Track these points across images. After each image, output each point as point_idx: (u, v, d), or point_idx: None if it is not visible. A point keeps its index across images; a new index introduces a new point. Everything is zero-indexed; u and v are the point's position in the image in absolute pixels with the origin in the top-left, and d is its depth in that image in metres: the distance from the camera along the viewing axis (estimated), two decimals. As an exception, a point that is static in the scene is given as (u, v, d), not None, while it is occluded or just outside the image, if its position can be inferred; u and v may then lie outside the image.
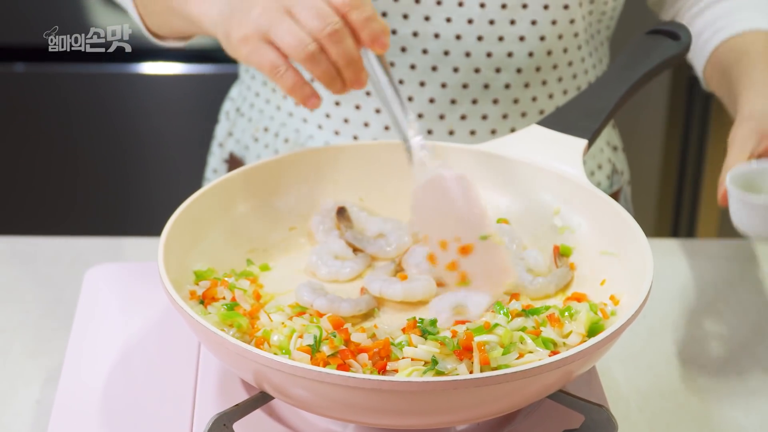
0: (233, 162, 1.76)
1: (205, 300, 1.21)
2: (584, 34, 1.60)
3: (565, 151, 1.33)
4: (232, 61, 1.75)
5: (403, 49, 1.53)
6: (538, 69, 1.57)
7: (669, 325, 1.50)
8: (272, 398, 1.13)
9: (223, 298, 1.21)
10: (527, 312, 1.18)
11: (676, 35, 1.44)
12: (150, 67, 2.51)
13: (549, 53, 1.56)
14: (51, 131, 2.58)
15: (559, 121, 1.36)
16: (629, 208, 1.78)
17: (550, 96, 1.60)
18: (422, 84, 1.55)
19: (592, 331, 1.16)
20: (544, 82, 1.59)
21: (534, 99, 1.59)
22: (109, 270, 1.44)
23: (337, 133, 1.61)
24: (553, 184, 1.33)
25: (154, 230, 1.31)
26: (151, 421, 1.19)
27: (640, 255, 1.19)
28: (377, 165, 1.39)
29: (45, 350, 1.43)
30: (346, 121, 1.60)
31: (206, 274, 1.25)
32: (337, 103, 1.58)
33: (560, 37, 1.56)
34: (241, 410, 1.12)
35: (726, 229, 2.75)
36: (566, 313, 1.17)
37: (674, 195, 2.77)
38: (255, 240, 1.34)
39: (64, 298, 1.52)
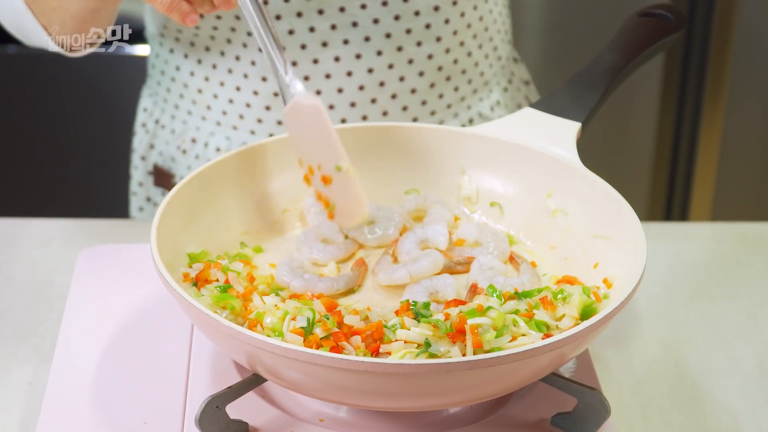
0: (159, 174, 1.75)
1: (198, 282, 1.21)
2: None
3: (558, 134, 1.33)
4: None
5: (324, 44, 1.55)
6: (455, 33, 1.60)
7: (662, 308, 1.50)
8: (265, 380, 1.13)
9: (217, 281, 1.21)
10: (520, 295, 1.18)
11: (669, 18, 1.43)
12: (142, 49, 2.50)
13: (462, 15, 1.60)
14: (43, 113, 2.57)
15: (552, 104, 1.36)
16: None
17: (469, 54, 1.64)
18: (349, 74, 1.58)
19: (585, 314, 1.16)
20: (461, 44, 1.62)
21: (455, 62, 1.63)
22: (102, 252, 1.44)
23: (271, 135, 1.61)
24: (546, 167, 1.33)
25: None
26: (144, 403, 1.19)
27: (633, 238, 1.19)
28: (369, 148, 1.39)
29: (37, 332, 1.43)
30: (279, 123, 1.60)
31: (200, 256, 1.25)
32: (268, 108, 1.59)
33: None
34: (234, 392, 1.12)
35: (719, 212, 2.76)
36: (559, 296, 1.17)
37: (667, 178, 2.78)
38: (248, 222, 1.34)
39: (57, 280, 1.52)
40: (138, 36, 2.48)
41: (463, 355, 1.09)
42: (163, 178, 1.74)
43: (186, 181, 1.28)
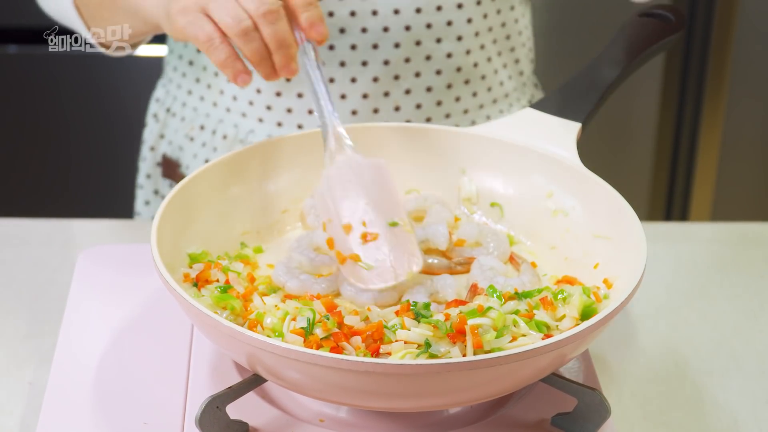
0: (167, 164, 1.74)
1: (198, 283, 1.21)
2: None
3: (558, 134, 1.33)
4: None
5: (342, 30, 1.53)
6: (476, 34, 1.59)
7: (662, 308, 1.50)
8: (265, 381, 1.13)
9: (217, 281, 1.21)
10: (520, 295, 1.18)
11: (670, 18, 1.43)
12: (142, 50, 2.50)
13: (485, 16, 1.59)
14: (43, 113, 2.57)
15: (552, 104, 1.36)
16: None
17: (489, 59, 1.63)
18: (364, 63, 1.56)
19: (586, 315, 1.16)
20: (482, 47, 1.61)
21: (475, 65, 1.61)
22: (102, 252, 1.44)
23: (279, 124, 1.61)
24: (546, 167, 1.33)
25: (147, 212, 1.30)
26: (144, 403, 1.19)
27: (633, 238, 1.19)
28: (371, 148, 1.38)
29: (38, 332, 1.43)
30: (289, 111, 1.60)
31: (200, 257, 1.25)
32: (278, 94, 1.58)
33: None
34: (234, 393, 1.12)
35: (719, 212, 2.76)
36: (559, 297, 1.17)
37: (667, 178, 2.77)
38: (248, 223, 1.34)
39: (57, 281, 1.52)
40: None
41: (464, 355, 1.09)
42: (170, 169, 1.73)
43: (186, 181, 1.28)
